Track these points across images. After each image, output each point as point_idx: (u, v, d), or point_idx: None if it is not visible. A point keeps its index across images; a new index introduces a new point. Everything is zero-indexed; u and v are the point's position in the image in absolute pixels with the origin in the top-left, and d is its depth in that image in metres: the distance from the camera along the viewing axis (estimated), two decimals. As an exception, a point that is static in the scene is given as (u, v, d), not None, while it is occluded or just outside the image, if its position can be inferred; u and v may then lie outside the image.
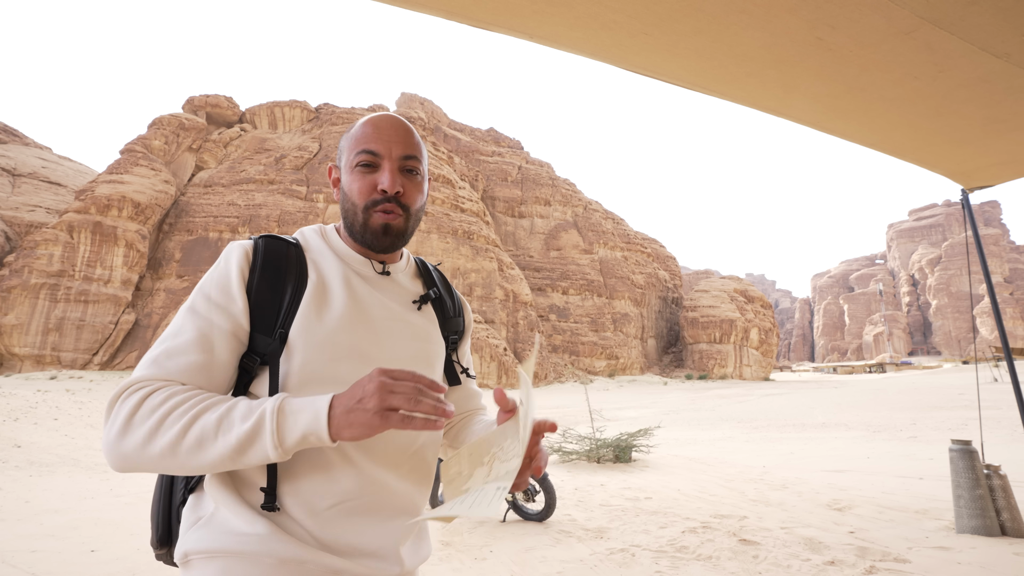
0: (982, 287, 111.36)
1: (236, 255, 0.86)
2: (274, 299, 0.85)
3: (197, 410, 0.72)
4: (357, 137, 0.92)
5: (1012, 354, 3.89)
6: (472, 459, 0.81)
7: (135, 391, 0.73)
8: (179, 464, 0.71)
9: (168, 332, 0.80)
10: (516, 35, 1.80)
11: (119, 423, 0.71)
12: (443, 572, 3.57)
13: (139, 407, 0.71)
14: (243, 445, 0.70)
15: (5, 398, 14.21)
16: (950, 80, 2.09)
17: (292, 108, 65.40)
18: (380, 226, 0.90)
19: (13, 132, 64.83)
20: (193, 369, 0.78)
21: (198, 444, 0.70)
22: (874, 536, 4.16)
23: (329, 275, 0.90)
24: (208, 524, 0.78)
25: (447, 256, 54.76)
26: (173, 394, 0.73)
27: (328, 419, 0.70)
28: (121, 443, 0.70)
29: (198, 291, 0.84)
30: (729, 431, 14.95)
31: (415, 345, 0.93)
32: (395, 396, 0.68)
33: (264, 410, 0.71)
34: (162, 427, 0.70)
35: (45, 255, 45.01)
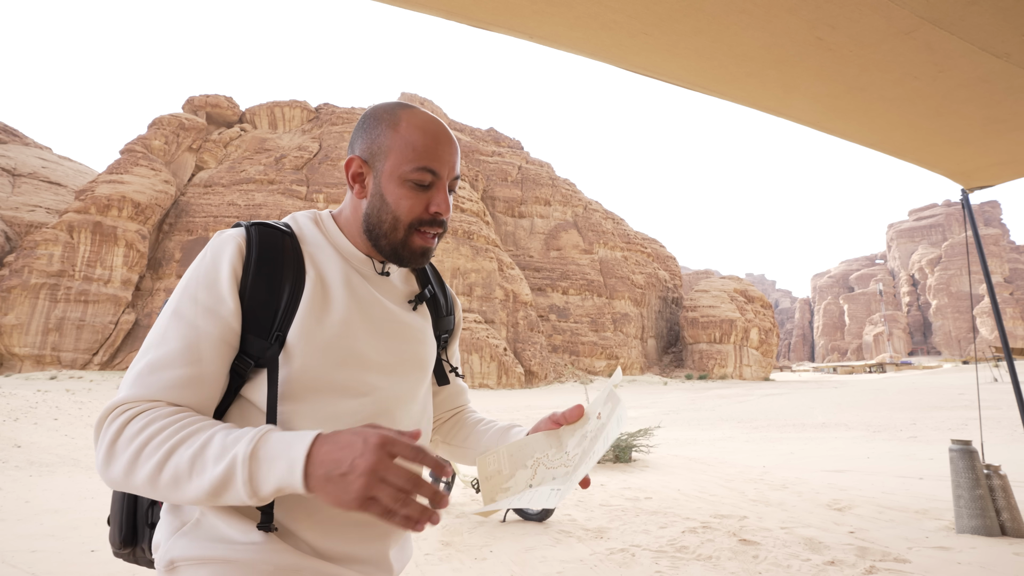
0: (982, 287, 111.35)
1: (228, 251, 0.78)
2: (271, 299, 0.78)
3: (171, 443, 0.66)
4: (416, 148, 0.83)
5: (1012, 354, 3.89)
6: (513, 460, 0.84)
7: (118, 415, 0.69)
8: (162, 496, 0.67)
9: (152, 339, 0.75)
10: (516, 35, 1.80)
11: (104, 449, 0.68)
12: (443, 572, 3.57)
13: (120, 433, 0.68)
14: (217, 489, 0.65)
15: (5, 398, 14.22)
16: (950, 80, 2.09)
17: (292, 108, 65.42)
18: (420, 248, 0.86)
19: (13, 132, 64.84)
20: (179, 385, 0.72)
21: (174, 482, 0.66)
22: (874, 536, 4.16)
23: (329, 273, 0.84)
24: (195, 530, 0.75)
25: (447, 256, 54.75)
26: (152, 420, 0.68)
27: (304, 474, 0.62)
28: (108, 469, 0.68)
29: (183, 291, 0.77)
30: (729, 431, 14.95)
31: (412, 348, 0.91)
32: (383, 487, 0.61)
33: (236, 456, 0.64)
34: (140, 459, 0.66)
35: (45, 255, 45.02)
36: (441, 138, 0.84)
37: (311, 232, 0.87)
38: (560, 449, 0.83)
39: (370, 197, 0.86)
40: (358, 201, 0.88)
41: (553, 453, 0.83)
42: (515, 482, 0.81)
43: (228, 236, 0.80)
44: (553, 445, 0.84)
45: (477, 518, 5.03)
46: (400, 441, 0.63)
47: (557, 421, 0.88)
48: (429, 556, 3.89)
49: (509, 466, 0.83)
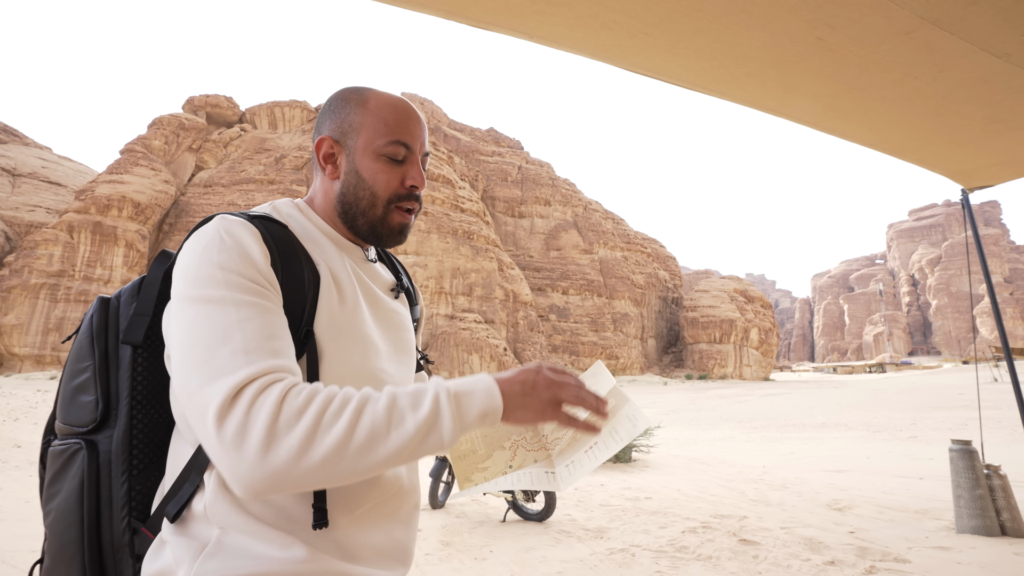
0: (982, 287, 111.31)
1: (246, 234, 0.71)
2: (299, 292, 0.74)
3: (356, 403, 0.62)
4: (388, 122, 0.82)
5: (1012, 354, 3.89)
6: (488, 441, 0.84)
7: (260, 391, 0.60)
8: (341, 470, 0.60)
9: (221, 325, 0.64)
10: (516, 35, 1.80)
11: (258, 435, 0.57)
12: (443, 572, 3.57)
13: (280, 410, 0.59)
14: (422, 434, 0.63)
15: (5, 398, 14.22)
16: (950, 80, 2.09)
17: (292, 108, 65.43)
18: (399, 225, 0.86)
19: (13, 132, 64.85)
20: (287, 355, 0.66)
21: (369, 442, 0.60)
22: (874, 536, 4.16)
23: (333, 262, 0.82)
24: (221, 550, 0.67)
25: (447, 256, 54.76)
26: (315, 390, 0.62)
27: (502, 394, 0.68)
28: (267, 459, 0.57)
29: (220, 270, 0.67)
30: (729, 431, 14.95)
31: (404, 335, 0.91)
32: (564, 390, 0.70)
33: (436, 394, 0.65)
34: (320, 429, 0.59)
35: (45, 255, 45.02)
36: (411, 113, 0.85)
37: (300, 223, 0.84)
38: (536, 432, 0.86)
39: (344, 176, 0.84)
40: (330, 183, 0.85)
41: (530, 436, 0.85)
42: (493, 463, 0.82)
43: (239, 222, 0.73)
44: (529, 428, 0.86)
45: (477, 518, 5.03)
46: (554, 364, 0.72)
47: None
48: (429, 556, 3.89)
49: (484, 447, 0.84)
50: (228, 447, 0.58)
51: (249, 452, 0.57)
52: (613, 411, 0.80)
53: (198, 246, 0.70)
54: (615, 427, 0.78)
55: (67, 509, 0.73)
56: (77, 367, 0.78)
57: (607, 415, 0.72)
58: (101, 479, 0.73)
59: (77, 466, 0.73)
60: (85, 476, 0.72)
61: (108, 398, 0.75)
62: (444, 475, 5.48)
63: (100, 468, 0.73)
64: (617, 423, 0.79)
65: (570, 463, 0.79)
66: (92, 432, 0.75)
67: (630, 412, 0.79)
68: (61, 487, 0.74)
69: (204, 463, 0.70)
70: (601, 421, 0.74)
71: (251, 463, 0.57)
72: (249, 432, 0.58)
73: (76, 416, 0.76)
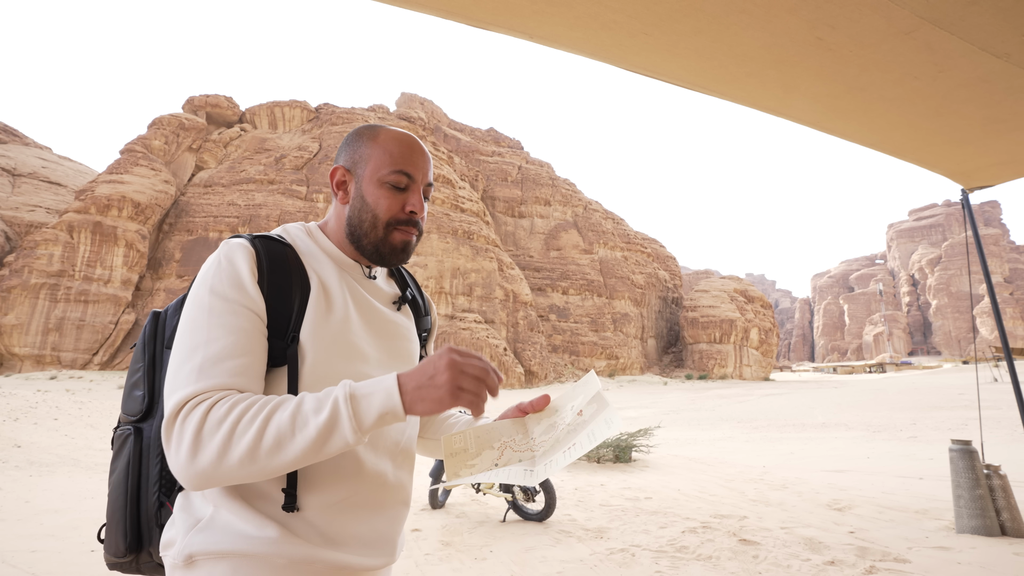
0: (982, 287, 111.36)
1: (241, 255, 0.83)
2: (284, 303, 0.84)
3: (266, 412, 0.72)
4: (392, 154, 0.93)
5: (1012, 354, 3.89)
6: (480, 441, 0.89)
7: (193, 407, 0.72)
8: (258, 469, 0.71)
9: (195, 339, 0.77)
10: (516, 35, 1.80)
11: (187, 443, 0.70)
12: (443, 572, 3.57)
13: (204, 422, 0.71)
14: (323, 437, 0.71)
15: (5, 398, 14.22)
16: (950, 80, 2.09)
17: (292, 108, 65.41)
18: (400, 243, 0.94)
19: (13, 132, 64.83)
20: (241, 372, 0.77)
21: (276, 445, 0.70)
22: (874, 536, 4.16)
23: (327, 277, 0.91)
24: (211, 526, 0.78)
25: (447, 256, 54.75)
26: (236, 402, 0.73)
27: (400, 393, 0.74)
28: (194, 462, 0.70)
29: (209, 292, 0.80)
30: (729, 431, 14.95)
31: (400, 344, 0.99)
32: (464, 376, 0.74)
33: (336, 399, 0.73)
34: (234, 436, 0.70)
35: (45, 255, 45.01)
36: (415, 148, 0.96)
37: (305, 242, 0.94)
38: (526, 435, 0.91)
39: (352, 201, 0.95)
40: (341, 208, 0.97)
41: (520, 439, 0.90)
42: (481, 460, 0.87)
43: (237, 244, 0.85)
44: (520, 431, 0.91)
45: (477, 518, 5.03)
46: (463, 348, 0.77)
47: (524, 409, 0.95)
48: (429, 556, 3.89)
49: (476, 446, 0.88)
50: (170, 451, 0.72)
51: (183, 456, 0.70)
52: (593, 415, 0.85)
53: (204, 269, 0.84)
54: (592, 429, 0.83)
55: (118, 483, 0.89)
56: (133, 368, 0.94)
57: (496, 396, 0.78)
58: (143, 460, 0.89)
59: (128, 448, 0.90)
60: (131, 456, 0.89)
61: (152, 393, 0.91)
62: (445, 475, 5.48)
63: (143, 451, 0.89)
64: (595, 426, 0.83)
65: (548, 461, 0.83)
66: (140, 420, 0.91)
67: (608, 416, 0.83)
68: (118, 464, 0.91)
69: None
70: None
71: (184, 464, 0.70)
72: (183, 440, 0.71)
73: (130, 407, 0.92)
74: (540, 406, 0.94)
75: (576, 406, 0.89)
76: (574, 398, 0.91)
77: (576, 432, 0.84)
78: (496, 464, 0.86)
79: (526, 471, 0.83)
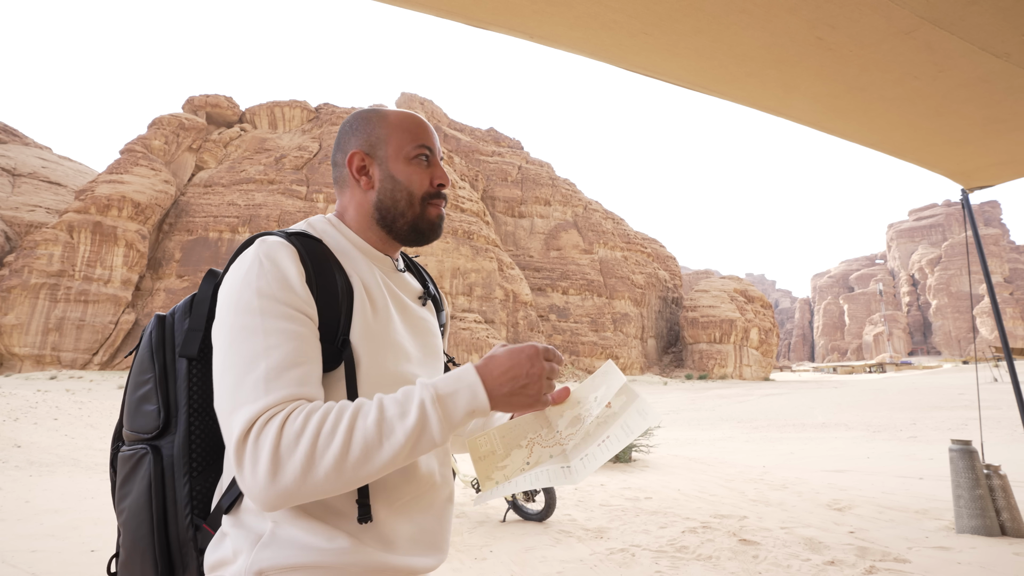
0: (982, 287, 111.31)
1: (284, 254, 0.77)
2: (332, 303, 0.79)
3: (347, 422, 0.68)
4: (411, 131, 0.92)
5: (1012, 354, 3.89)
6: (506, 441, 0.87)
7: (265, 423, 0.67)
8: (344, 482, 0.67)
9: (253, 349, 0.71)
10: (516, 35, 1.80)
11: (264, 462, 0.65)
12: (443, 572, 3.57)
13: (280, 438, 0.66)
14: (412, 442, 0.69)
15: (5, 398, 14.23)
16: (950, 80, 2.09)
17: (292, 108, 65.43)
18: (436, 218, 0.93)
19: (13, 132, 64.84)
20: (306, 381, 0.72)
21: (364, 456, 0.67)
22: (874, 536, 4.16)
23: (365, 275, 0.87)
24: (275, 541, 0.74)
25: (447, 256, 54.76)
26: (310, 413, 0.68)
27: (488, 394, 0.73)
28: (276, 482, 0.65)
29: (257, 297, 0.73)
30: (729, 431, 14.95)
31: (432, 340, 0.96)
32: (549, 384, 0.75)
33: (422, 401, 0.70)
34: (318, 448, 0.66)
35: (45, 255, 45.01)
36: (426, 123, 0.95)
37: (334, 237, 0.90)
38: (551, 430, 0.88)
39: (379, 184, 0.91)
40: (364, 194, 0.92)
41: (545, 433, 0.88)
42: (511, 461, 0.85)
43: (277, 242, 0.79)
44: (544, 426, 0.89)
45: (477, 518, 5.03)
46: (548, 348, 0.77)
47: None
48: (429, 556, 3.89)
49: (503, 447, 0.86)
50: (244, 472, 0.66)
51: (261, 477, 0.65)
52: (623, 407, 0.83)
53: (240, 271, 0.77)
54: (626, 421, 0.81)
55: (138, 508, 0.81)
56: (139, 379, 0.86)
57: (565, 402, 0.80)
58: (166, 480, 0.81)
59: (145, 469, 0.81)
60: (152, 478, 0.80)
61: (168, 407, 0.83)
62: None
63: (164, 470, 0.81)
64: (628, 417, 0.81)
65: (584, 456, 0.81)
66: (156, 438, 0.82)
67: (640, 407, 0.81)
68: (132, 488, 0.82)
69: None
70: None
71: (263, 485, 0.65)
72: (259, 460, 0.66)
73: (141, 424, 0.84)
74: (561, 398, 0.90)
75: (600, 397, 0.86)
76: (596, 388, 0.88)
77: (608, 424, 0.82)
78: (528, 463, 0.84)
79: (563, 469, 0.80)
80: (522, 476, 0.81)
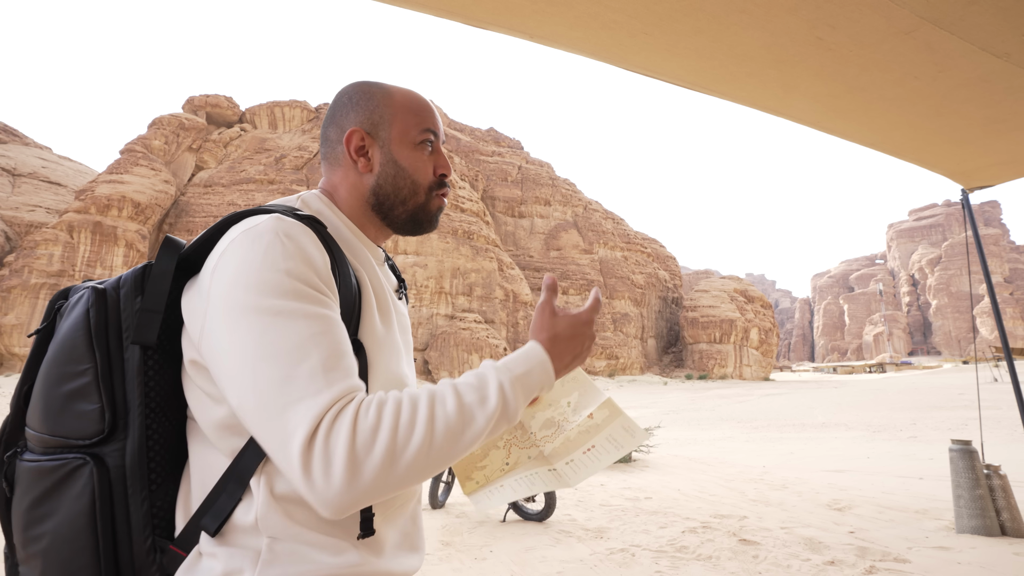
0: (982, 287, 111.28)
1: (307, 237, 0.68)
2: (348, 299, 0.72)
3: (425, 411, 0.63)
4: (417, 112, 0.83)
5: (1012, 354, 3.89)
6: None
7: (334, 419, 0.59)
8: (425, 473, 0.62)
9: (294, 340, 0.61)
10: (516, 35, 1.80)
11: (340, 462, 0.57)
12: (443, 572, 3.57)
13: (354, 437, 0.59)
14: (492, 425, 0.67)
15: (5, 398, 14.22)
16: (950, 80, 2.09)
17: (292, 108, 65.43)
18: (437, 209, 0.87)
19: (13, 132, 64.84)
20: (355, 370, 0.66)
21: (448, 444, 0.63)
22: (874, 536, 4.16)
23: (370, 270, 0.81)
24: (276, 558, 0.66)
25: (447, 256, 54.75)
26: (381, 403, 0.62)
27: (554, 368, 0.75)
28: (356, 483, 0.58)
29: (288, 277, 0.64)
30: (729, 431, 14.95)
31: (408, 336, 0.93)
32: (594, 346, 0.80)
33: (500, 384, 0.68)
34: (399, 440, 0.60)
35: (45, 255, 45.02)
36: (431, 105, 0.86)
37: (333, 222, 0.81)
38: (524, 431, 0.88)
39: (380, 168, 0.82)
40: (360, 177, 0.83)
41: (520, 434, 0.88)
42: (490, 462, 0.85)
43: (296, 224, 0.68)
44: (517, 427, 0.88)
45: (477, 518, 5.03)
46: (594, 310, 0.80)
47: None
48: (429, 556, 3.89)
49: (480, 447, 0.86)
50: (314, 478, 0.57)
51: (338, 479, 0.57)
52: (607, 421, 0.84)
53: (257, 249, 0.65)
54: (612, 434, 0.82)
55: (74, 533, 0.65)
56: (68, 370, 0.68)
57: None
58: (115, 497, 0.66)
59: (81, 484, 0.65)
60: (97, 495, 0.65)
61: (115, 406, 0.67)
62: (444, 475, 5.48)
63: (113, 484, 0.66)
64: (613, 431, 0.82)
65: (570, 460, 0.82)
66: (96, 445, 0.67)
67: (626, 423, 0.83)
68: (56, 507, 0.66)
69: (245, 473, 0.67)
70: None
71: (341, 488, 0.57)
72: (333, 461, 0.57)
73: (73, 427, 0.67)
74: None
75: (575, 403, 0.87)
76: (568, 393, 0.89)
77: (591, 434, 0.83)
78: (507, 463, 0.85)
79: (550, 472, 0.81)
80: (514, 482, 0.81)
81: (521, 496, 0.79)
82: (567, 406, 0.88)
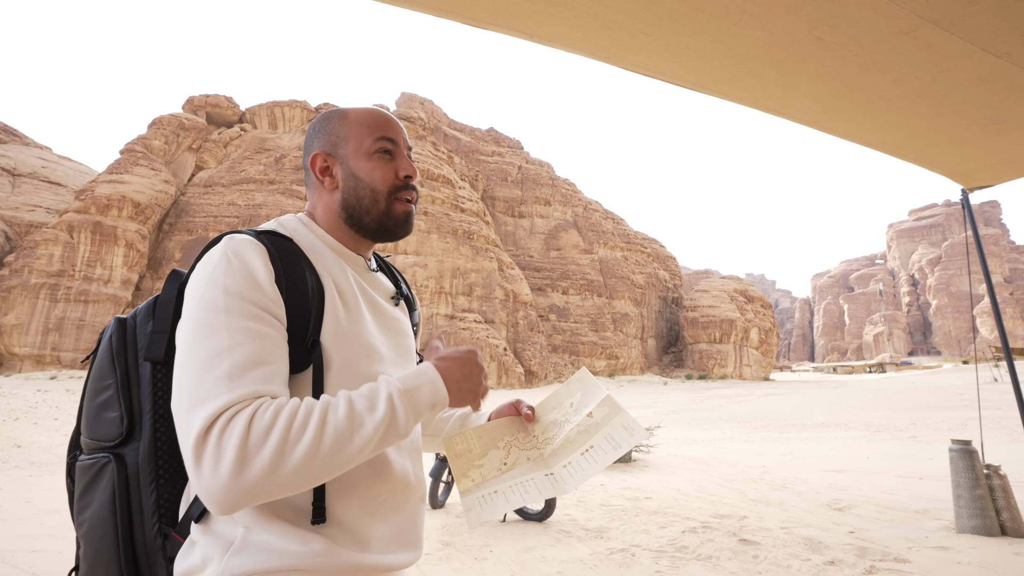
0: (982, 287, 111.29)
1: (253, 252, 0.76)
2: (302, 304, 0.78)
3: (318, 416, 0.67)
4: (370, 125, 0.91)
5: (1012, 354, 3.89)
6: (483, 441, 0.89)
7: (231, 418, 0.65)
8: (312, 475, 0.66)
9: (216, 345, 0.69)
10: (516, 35, 1.80)
11: (229, 458, 0.62)
12: (443, 572, 3.57)
13: (248, 433, 0.64)
14: (380, 434, 0.70)
15: (5, 398, 14.22)
16: (950, 80, 2.09)
17: (292, 108, 65.40)
18: (403, 214, 0.92)
19: (13, 132, 64.82)
20: (271, 379, 0.71)
21: (336, 447, 0.67)
22: (874, 536, 4.16)
23: (337, 275, 0.86)
24: (247, 547, 0.73)
25: (447, 256, 54.73)
26: (278, 408, 0.67)
27: (447, 389, 0.77)
28: (241, 478, 0.63)
29: (223, 295, 0.72)
30: (729, 431, 14.95)
31: (404, 340, 0.96)
32: (485, 380, 0.81)
33: (390, 395, 0.73)
34: (289, 442, 0.65)
35: (45, 255, 45.00)
36: (387, 116, 0.93)
37: (305, 237, 0.89)
38: (527, 434, 0.91)
39: (342, 183, 0.90)
40: (330, 195, 0.91)
41: (522, 437, 0.90)
42: (488, 461, 0.87)
43: (245, 240, 0.77)
44: (520, 429, 0.91)
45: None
46: (471, 350, 0.84)
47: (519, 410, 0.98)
48: (429, 556, 3.89)
49: (480, 446, 0.88)
50: (203, 470, 0.63)
51: (224, 473, 0.63)
52: (607, 419, 0.84)
53: (207, 268, 0.75)
54: (610, 433, 0.82)
55: (101, 519, 0.78)
56: (99, 385, 0.83)
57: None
58: (131, 489, 0.78)
59: (107, 478, 0.79)
60: (116, 487, 0.78)
61: (132, 413, 0.80)
62: (444, 475, 5.48)
63: (129, 479, 0.79)
64: (612, 430, 0.82)
65: (567, 463, 0.82)
66: (119, 446, 0.80)
67: (625, 421, 0.83)
68: (93, 498, 0.80)
69: None
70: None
71: (226, 482, 0.63)
72: (222, 456, 0.63)
73: (102, 432, 0.81)
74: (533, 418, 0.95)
75: (577, 403, 0.88)
76: (571, 395, 0.90)
77: (590, 434, 0.83)
78: (505, 463, 0.85)
79: (547, 476, 0.81)
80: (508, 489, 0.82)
81: (514, 507, 0.80)
82: (570, 407, 0.89)
